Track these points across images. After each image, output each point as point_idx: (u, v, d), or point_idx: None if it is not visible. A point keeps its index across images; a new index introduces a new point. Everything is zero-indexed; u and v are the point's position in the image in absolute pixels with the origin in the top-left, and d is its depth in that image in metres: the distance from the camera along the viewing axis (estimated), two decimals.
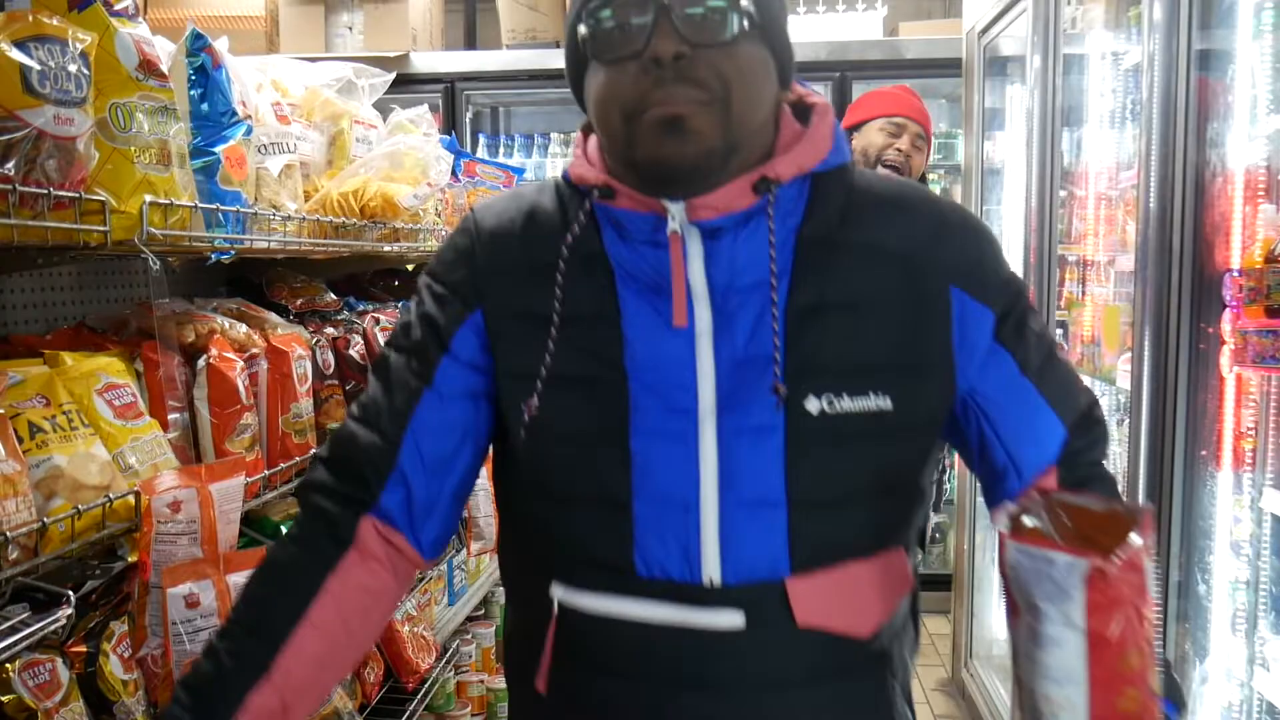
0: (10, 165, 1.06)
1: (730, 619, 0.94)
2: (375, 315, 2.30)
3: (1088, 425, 1.06)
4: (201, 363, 1.59)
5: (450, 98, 4.44)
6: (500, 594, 3.46)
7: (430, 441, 1.02)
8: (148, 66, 1.27)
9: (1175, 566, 1.98)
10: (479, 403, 1.03)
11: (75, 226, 1.15)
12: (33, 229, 1.09)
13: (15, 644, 1.03)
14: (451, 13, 5.13)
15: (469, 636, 2.99)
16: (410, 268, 2.83)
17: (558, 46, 4.59)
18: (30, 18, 1.07)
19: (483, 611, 3.27)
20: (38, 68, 1.06)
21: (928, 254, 1.00)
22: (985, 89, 3.60)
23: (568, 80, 1.05)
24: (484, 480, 2.48)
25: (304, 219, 1.80)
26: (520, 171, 3.36)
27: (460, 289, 1.04)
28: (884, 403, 0.96)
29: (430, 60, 4.37)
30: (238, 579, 1.29)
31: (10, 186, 1.04)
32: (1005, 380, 1.03)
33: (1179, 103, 1.93)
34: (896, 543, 1.02)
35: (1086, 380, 2.60)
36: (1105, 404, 2.62)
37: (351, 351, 2.21)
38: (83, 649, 1.44)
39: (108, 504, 1.15)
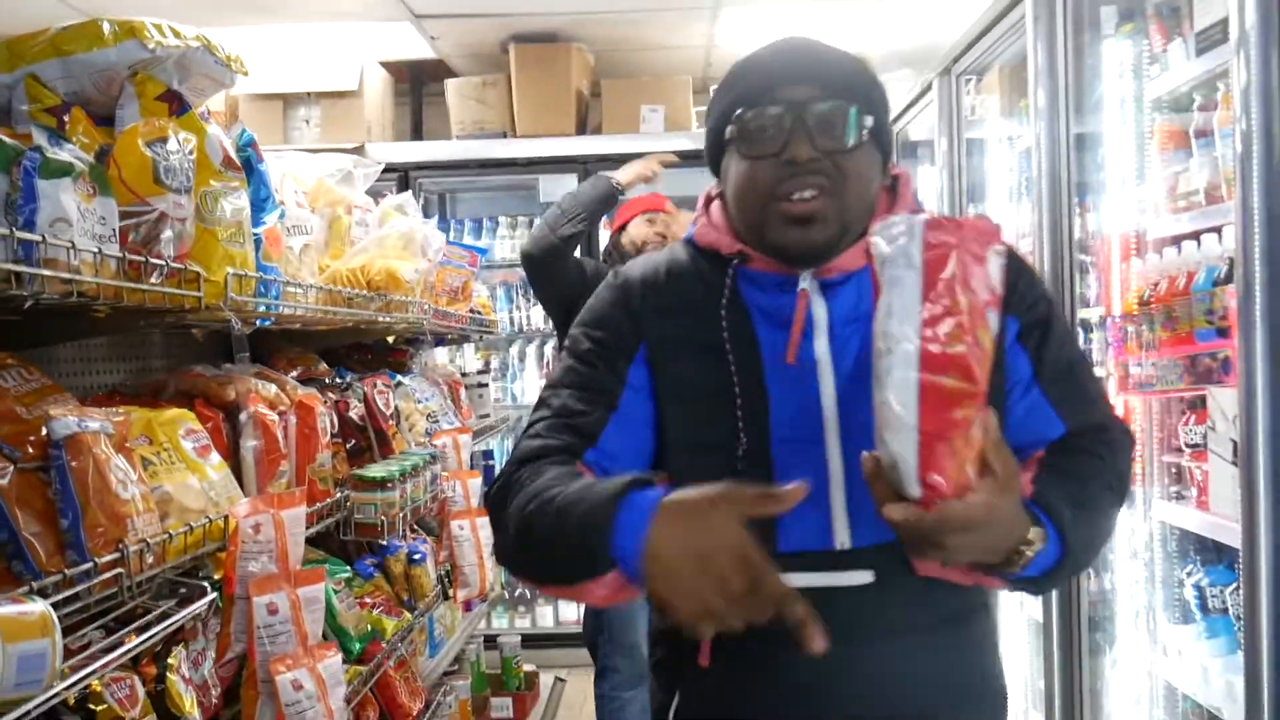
0: (138, 242, 1.30)
1: (861, 577, 1.12)
2: (373, 380, 2.53)
3: (1093, 432, 1.18)
4: (245, 416, 1.81)
5: (404, 185, 4.72)
6: (471, 650, 3.64)
7: (614, 447, 1.18)
8: (227, 161, 1.53)
9: (1088, 574, 2.30)
10: (650, 418, 1.21)
11: (180, 292, 1.38)
12: (151, 294, 1.33)
13: (175, 623, 1.24)
14: (399, 106, 5.44)
15: (447, 689, 3.15)
16: (391, 339, 3.06)
17: (504, 137, 4.92)
18: (157, 123, 1.32)
19: (457, 667, 3.44)
20: (163, 163, 1.31)
21: None
22: None
23: (707, 160, 1.26)
24: (468, 530, 2.71)
25: (323, 289, 2.04)
26: (484, 251, 3.64)
27: (624, 331, 1.22)
28: None
29: (385, 151, 4.65)
30: (305, 592, 1.51)
31: (142, 258, 1.28)
32: (1021, 377, 1.18)
33: (1063, 177, 2.30)
34: None
35: None
36: None
37: (351, 413, 2.43)
38: (153, 669, 1.63)
39: (207, 524, 1.37)
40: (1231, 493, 1.61)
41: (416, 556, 2.61)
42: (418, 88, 5.51)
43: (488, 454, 3.89)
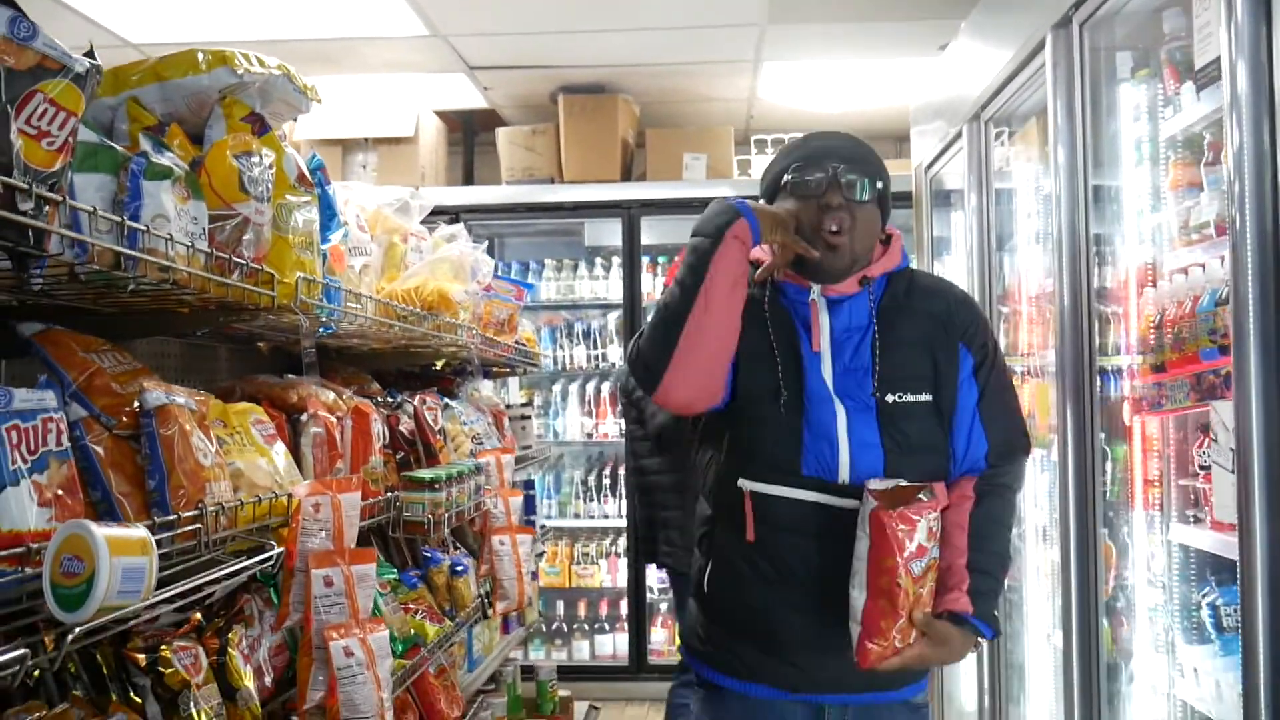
0: (223, 242, 1.46)
1: (853, 502, 1.66)
2: (423, 397, 2.67)
3: (1004, 452, 1.77)
4: (306, 416, 1.96)
5: None
6: (508, 672, 3.73)
7: None
8: (301, 177, 1.69)
9: (1102, 593, 2.36)
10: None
11: (257, 290, 1.54)
12: (233, 289, 1.48)
13: (249, 568, 1.37)
14: (452, 154, 5.68)
15: (484, 704, 3.25)
16: (439, 365, 3.22)
17: (552, 182, 5.12)
18: (243, 138, 1.49)
19: (493, 686, 3.54)
20: (248, 173, 1.47)
21: (950, 318, 1.77)
22: (934, 218, 4.13)
23: (762, 195, 1.83)
24: (508, 546, 2.83)
25: (381, 302, 2.20)
26: (530, 287, 3.81)
27: None
28: (927, 397, 1.72)
29: (439, 194, 4.83)
30: (358, 569, 1.64)
31: (226, 256, 1.44)
32: (968, 402, 1.75)
33: (1080, 233, 2.40)
34: (939, 477, 1.75)
35: None
36: (1042, 471, 3.03)
37: (401, 427, 2.58)
38: (215, 642, 1.76)
39: (274, 499, 1.51)
40: (1232, 501, 1.69)
41: (459, 569, 2.73)
42: (469, 136, 5.76)
43: (528, 484, 4.01)
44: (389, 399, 2.76)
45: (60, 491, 1.08)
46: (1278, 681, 1.58)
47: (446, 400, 3.00)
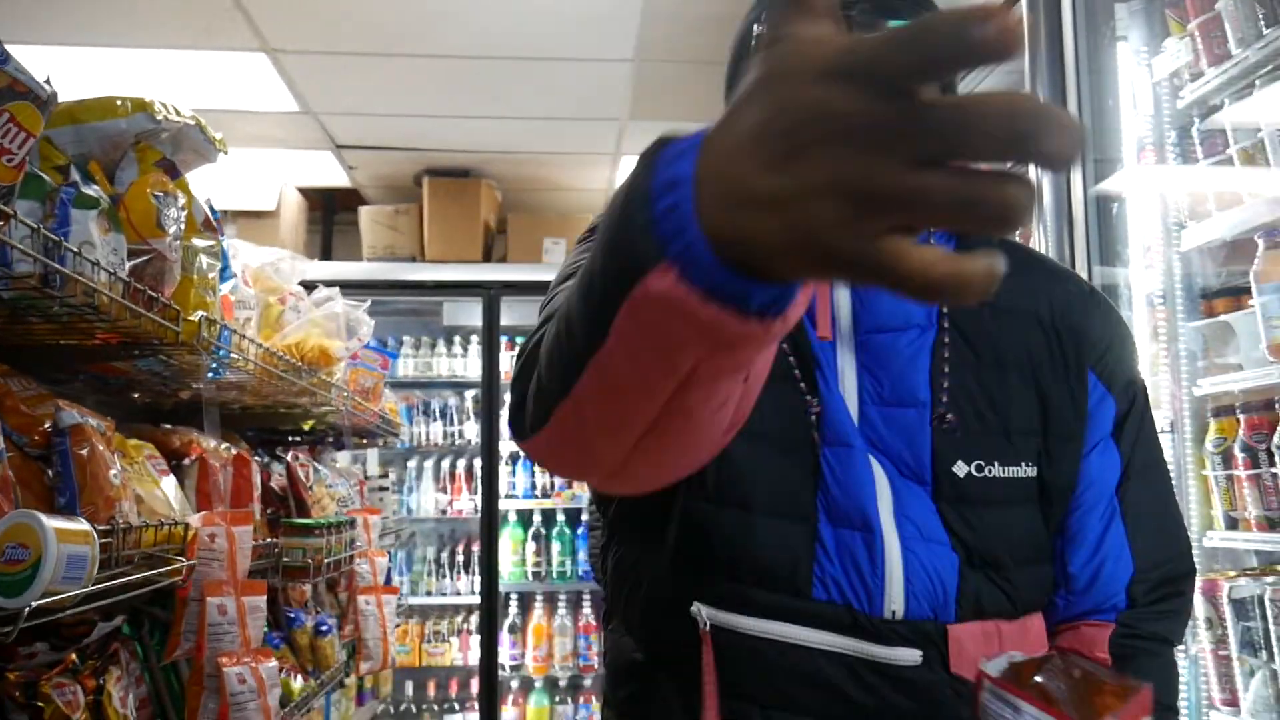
0: (134, 274, 1.53)
1: (910, 654, 0.87)
2: (295, 454, 2.70)
3: (1163, 577, 0.98)
4: (189, 461, 1.99)
5: None
6: None
7: None
8: (207, 222, 1.77)
9: None
10: None
11: (166, 324, 1.60)
12: (146, 320, 1.54)
13: (155, 580, 1.40)
14: (311, 232, 5.71)
15: None
16: (307, 426, 3.24)
17: (413, 261, 5.21)
18: (160, 178, 1.57)
19: None
20: (164, 211, 1.55)
21: (1069, 320, 0.98)
22: None
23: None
24: (373, 606, 2.85)
25: (266, 349, 2.26)
26: (394, 355, 3.87)
27: None
28: (1030, 471, 0.94)
29: (300, 267, 4.88)
30: (250, 600, 1.68)
31: (143, 289, 1.51)
32: (1103, 483, 0.97)
33: None
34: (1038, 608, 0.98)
35: None
36: None
37: (273, 483, 2.60)
38: (92, 682, 1.75)
39: (173, 525, 1.55)
40: None
41: (324, 629, 2.73)
42: (329, 215, 5.80)
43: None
44: (259, 457, 2.78)
45: None
46: None
47: (314, 463, 3.02)
